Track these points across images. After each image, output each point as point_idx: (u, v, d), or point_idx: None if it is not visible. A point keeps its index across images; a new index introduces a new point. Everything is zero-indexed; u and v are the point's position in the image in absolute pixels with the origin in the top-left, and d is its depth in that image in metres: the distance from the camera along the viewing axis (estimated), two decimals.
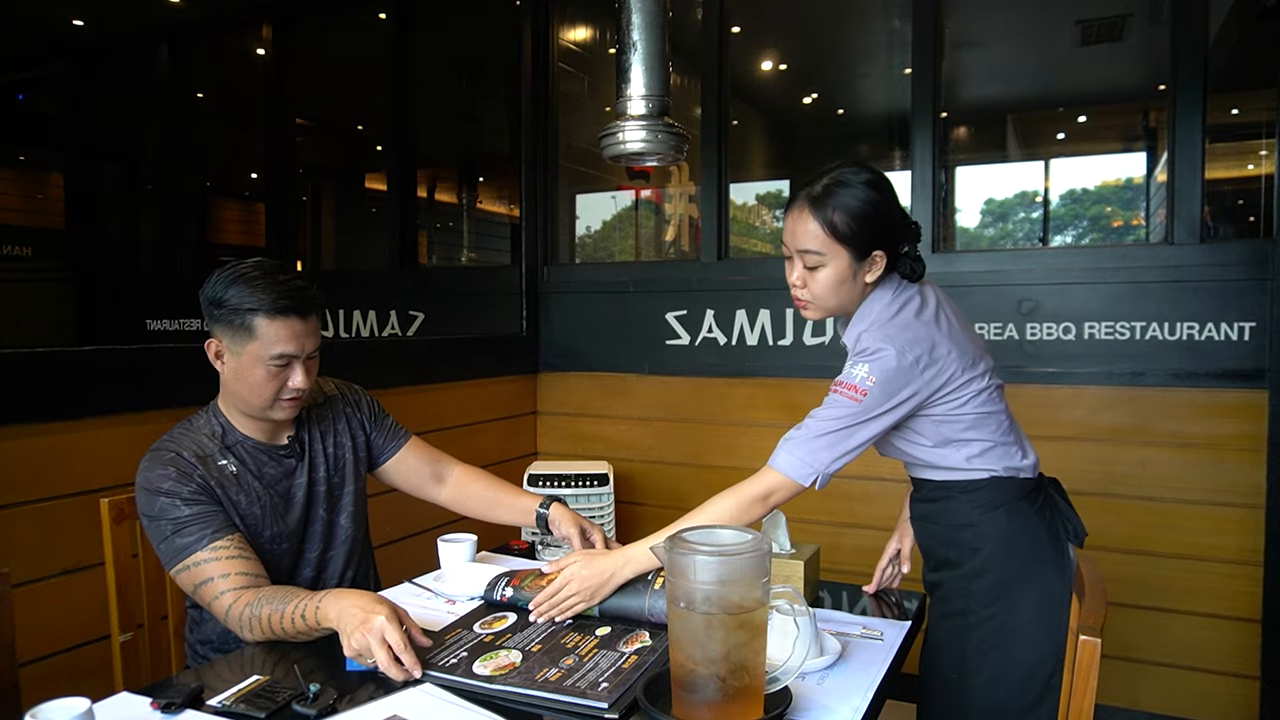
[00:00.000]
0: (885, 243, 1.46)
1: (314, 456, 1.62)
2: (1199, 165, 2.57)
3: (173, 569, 1.42)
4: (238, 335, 1.45)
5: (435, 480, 1.80)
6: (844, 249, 1.45)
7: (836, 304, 1.51)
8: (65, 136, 5.27)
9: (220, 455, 1.50)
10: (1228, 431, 2.54)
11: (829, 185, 1.45)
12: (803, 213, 1.46)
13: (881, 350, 1.41)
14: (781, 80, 4.51)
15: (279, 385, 1.47)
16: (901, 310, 1.48)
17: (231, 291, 1.44)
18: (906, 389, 1.42)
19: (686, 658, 1.04)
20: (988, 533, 1.50)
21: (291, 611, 1.31)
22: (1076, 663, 1.07)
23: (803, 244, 1.47)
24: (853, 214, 1.43)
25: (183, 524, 1.41)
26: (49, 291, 5.25)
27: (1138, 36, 3.33)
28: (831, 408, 1.43)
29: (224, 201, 5.74)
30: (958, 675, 1.50)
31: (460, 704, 1.15)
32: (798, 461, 1.42)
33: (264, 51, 4.53)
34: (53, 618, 1.76)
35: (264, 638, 1.35)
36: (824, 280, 1.48)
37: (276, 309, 1.43)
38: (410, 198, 4.15)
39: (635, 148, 1.72)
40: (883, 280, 1.50)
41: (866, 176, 1.46)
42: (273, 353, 1.44)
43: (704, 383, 3.24)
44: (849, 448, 1.43)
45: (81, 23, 4.95)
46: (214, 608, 1.39)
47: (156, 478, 1.43)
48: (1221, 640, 2.55)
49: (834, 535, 2.95)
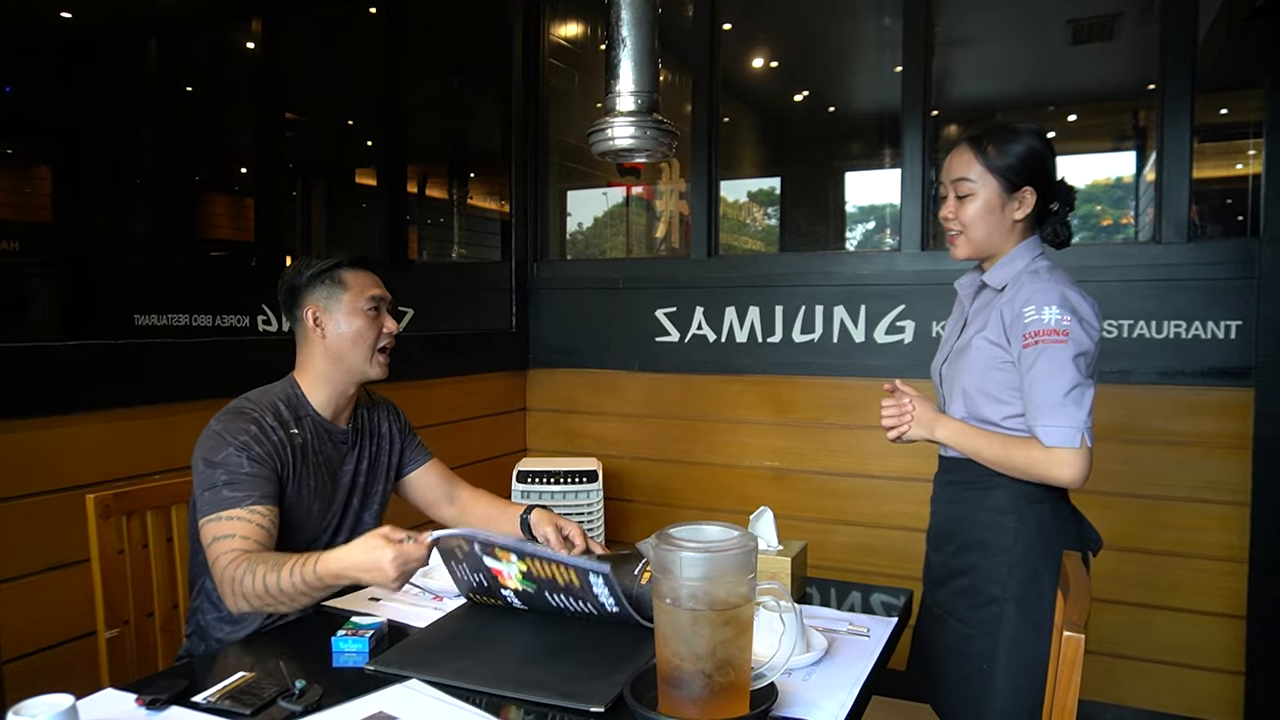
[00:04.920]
0: (1035, 181, 1.56)
1: (362, 449, 1.72)
2: (1187, 164, 2.58)
3: (205, 517, 1.45)
4: (332, 292, 1.61)
5: (448, 501, 1.87)
6: (993, 178, 1.55)
7: (984, 235, 1.59)
8: (53, 130, 5.23)
9: (294, 424, 1.59)
10: (1214, 429, 2.55)
11: (990, 127, 1.58)
12: (960, 147, 1.59)
13: (1051, 289, 1.49)
14: (772, 77, 4.51)
15: (377, 331, 1.63)
16: (1051, 266, 1.57)
17: (312, 265, 1.62)
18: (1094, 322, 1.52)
19: (673, 654, 1.05)
20: (1030, 522, 1.54)
21: (288, 573, 1.35)
22: (1061, 659, 1.08)
23: (955, 173, 1.58)
24: (1005, 148, 1.55)
25: (238, 479, 1.46)
26: (36, 286, 5.22)
27: (1128, 36, 3.35)
28: (1045, 362, 1.47)
29: (213, 196, 5.71)
30: (988, 665, 1.52)
31: (446, 700, 1.15)
32: (1058, 431, 1.46)
33: (254, 45, 4.51)
34: (38, 614, 1.75)
35: (252, 603, 1.38)
36: (973, 209, 1.57)
37: (356, 260, 1.65)
38: (400, 193, 4.14)
39: (624, 144, 1.71)
40: (1030, 238, 1.60)
41: (1026, 124, 1.58)
42: (367, 295, 1.62)
43: (693, 379, 3.24)
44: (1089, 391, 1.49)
45: (70, 15, 4.91)
46: (218, 563, 1.41)
47: (236, 429, 1.50)
48: (1207, 636, 2.57)
49: (822, 532, 2.96)
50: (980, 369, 1.57)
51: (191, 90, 5.08)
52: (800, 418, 3.05)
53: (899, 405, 1.64)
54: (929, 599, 1.73)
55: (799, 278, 3.07)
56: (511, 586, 1.43)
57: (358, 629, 1.30)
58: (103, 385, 1.89)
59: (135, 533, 1.60)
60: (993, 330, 1.56)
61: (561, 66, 3.78)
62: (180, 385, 2.01)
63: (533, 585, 1.41)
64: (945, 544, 1.66)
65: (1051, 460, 1.47)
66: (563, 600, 1.41)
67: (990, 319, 1.58)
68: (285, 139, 4.65)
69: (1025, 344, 1.49)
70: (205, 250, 5.38)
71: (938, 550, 1.69)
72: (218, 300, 4.36)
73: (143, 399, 1.93)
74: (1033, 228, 1.62)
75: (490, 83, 4.16)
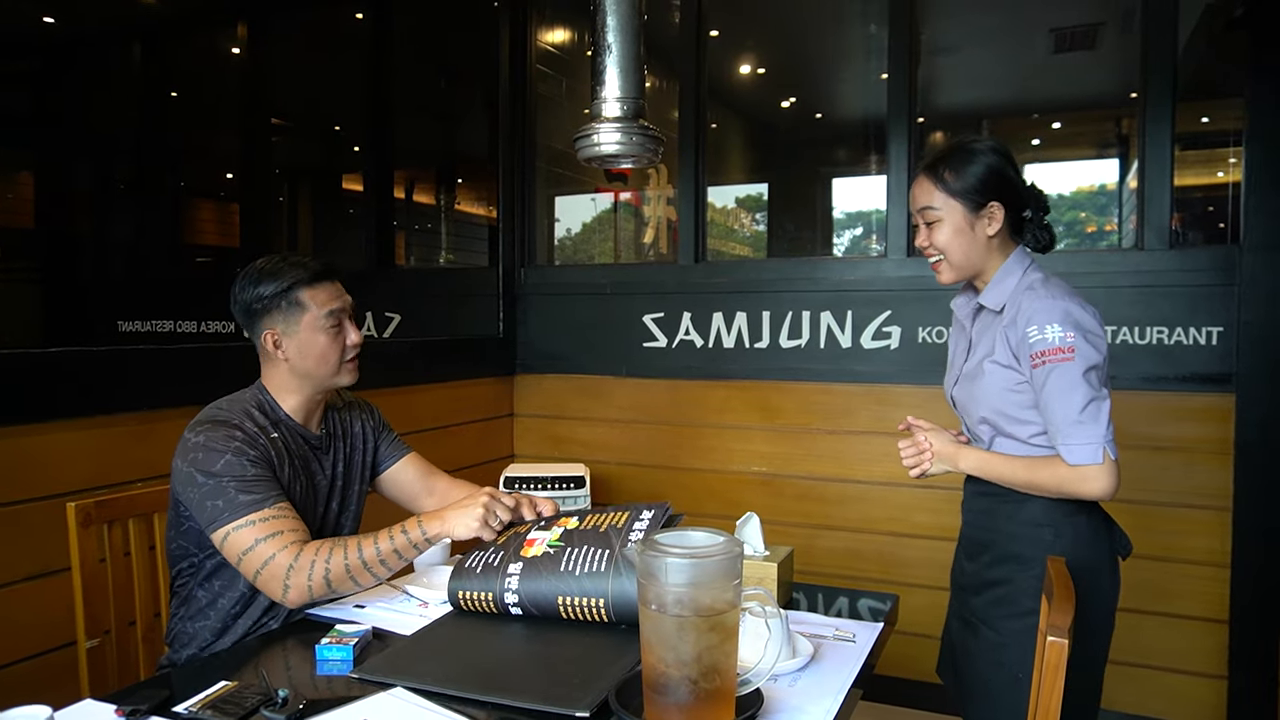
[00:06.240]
0: (999, 195, 1.57)
1: (336, 452, 1.70)
2: (1169, 172, 2.61)
3: (228, 525, 1.43)
4: (290, 314, 1.57)
5: (427, 493, 1.83)
6: (956, 201, 1.58)
7: (962, 257, 1.60)
8: (35, 135, 5.18)
9: (271, 428, 1.57)
10: (1196, 435, 2.57)
11: (943, 152, 1.61)
12: (919, 178, 1.63)
13: (1051, 306, 1.49)
14: (759, 84, 4.53)
15: (341, 345, 1.60)
16: (1045, 278, 1.56)
17: (264, 284, 1.56)
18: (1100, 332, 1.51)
19: (658, 660, 1.04)
20: (1066, 534, 1.54)
21: (374, 549, 1.45)
22: (1044, 663, 1.08)
23: (920, 203, 1.61)
24: (961, 170, 1.57)
25: (250, 482, 1.45)
26: (18, 292, 5.16)
27: (1110, 45, 3.38)
28: (1055, 381, 1.47)
29: (198, 201, 5.67)
30: (1023, 675, 1.52)
31: (431, 707, 1.14)
32: (1080, 449, 1.46)
33: (239, 50, 4.49)
34: (17, 624, 1.73)
35: (321, 591, 1.43)
36: (944, 234, 1.60)
37: (313, 275, 1.58)
38: (387, 198, 4.13)
39: (609, 150, 1.72)
40: (1014, 250, 1.61)
41: (977, 141, 1.61)
42: (325, 312, 1.58)
43: (681, 385, 3.24)
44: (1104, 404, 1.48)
45: (52, 20, 4.88)
46: (278, 559, 1.41)
47: (222, 437, 1.48)
48: (1191, 641, 2.59)
49: (808, 537, 2.96)
50: (996, 393, 1.58)
51: (176, 95, 5.05)
52: (787, 423, 3.06)
53: (915, 444, 1.66)
54: (960, 604, 1.73)
55: (786, 283, 3.08)
56: (536, 553, 1.42)
57: (342, 636, 1.29)
58: (84, 392, 1.88)
59: (117, 541, 1.59)
60: (1001, 354, 1.57)
61: (549, 72, 3.79)
62: (163, 392, 1.99)
63: (560, 544, 1.42)
64: (979, 554, 1.66)
65: (1078, 478, 1.48)
66: (582, 560, 1.39)
67: (996, 343, 1.58)
68: (271, 144, 4.63)
69: (1034, 364, 1.50)
70: (190, 256, 5.33)
71: (972, 559, 1.69)
72: (202, 306, 4.33)
73: (125, 406, 1.92)
74: (1013, 239, 1.62)
75: (477, 88, 4.16)
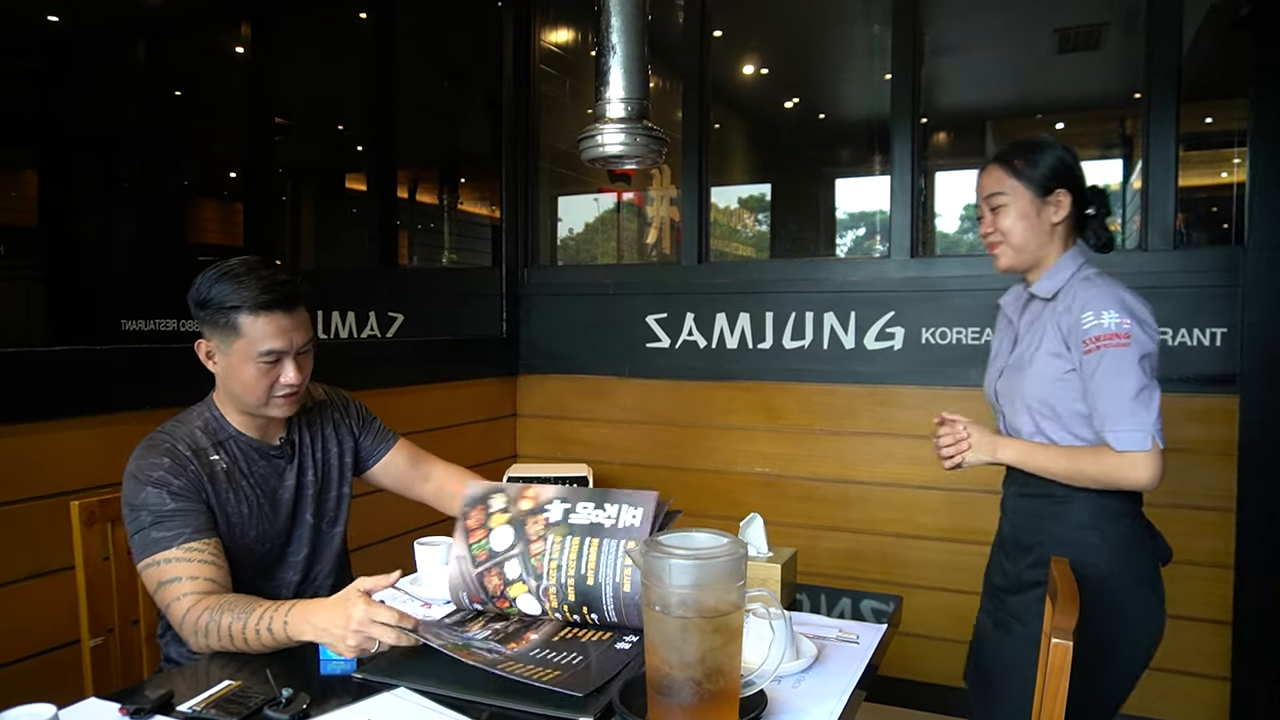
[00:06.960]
0: (1066, 184, 1.59)
1: (303, 459, 1.61)
2: (1173, 173, 2.60)
3: (141, 562, 1.39)
4: (225, 334, 1.44)
5: (422, 480, 1.79)
6: (1025, 187, 1.60)
7: (1023, 240, 1.61)
8: (39, 133, 5.19)
9: (213, 450, 1.49)
10: (1200, 435, 2.56)
11: (1015, 144, 1.64)
12: (989, 167, 1.65)
13: (1107, 294, 1.51)
14: (763, 84, 4.53)
15: (271, 382, 1.45)
16: (1100, 273, 1.58)
17: (216, 290, 1.42)
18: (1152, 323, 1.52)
19: (662, 661, 1.04)
20: (1111, 539, 1.55)
21: (255, 623, 1.28)
22: (1048, 665, 1.08)
23: (988, 189, 1.64)
24: (1033, 159, 1.61)
25: (163, 518, 1.38)
26: (21, 291, 5.17)
27: (1114, 45, 3.37)
28: (1109, 366, 1.47)
29: (202, 200, 5.68)
30: None
31: (434, 708, 1.14)
32: (1129, 435, 1.47)
33: (243, 49, 4.49)
34: (21, 622, 1.74)
35: (217, 647, 1.32)
36: (1010, 217, 1.61)
37: (260, 304, 1.41)
38: (390, 198, 4.13)
39: (613, 150, 1.71)
40: (1072, 246, 1.63)
41: (1048, 137, 1.64)
42: (260, 349, 1.42)
43: (684, 386, 3.24)
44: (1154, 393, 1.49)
45: (56, 18, 4.89)
46: (172, 609, 1.35)
47: (149, 466, 1.41)
48: (1194, 642, 2.58)
49: (811, 538, 2.96)
50: (1044, 383, 1.57)
51: (180, 94, 5.06)
52: (790, 424, 3.05)
53: (954, 433, 1.66)
54: (994, 606, 1.72)
55: (789, 284, 3.08)
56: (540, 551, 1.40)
57: None
58: (87, 391, 1.88)
59: (120, 539, 1.58)
60: (1051, 341, 1.57)
61: (552, 72, 3.79)
62: (166, 391, 1.99)
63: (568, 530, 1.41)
64: (1022, 556, 1.65)
65: (1124, 464, 1.47)
66: (590, 547, 1.39)
67: (1046, 331, 1.58)
68: (274, 143, 4.63)
69: (1087, 350, 1.49)
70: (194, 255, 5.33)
71: (1013, 561, 1.68)
72: None
73: (129, 405, 1.92)
74: (1073, 235, 1.64)
75: (481, 88, 4.15)
